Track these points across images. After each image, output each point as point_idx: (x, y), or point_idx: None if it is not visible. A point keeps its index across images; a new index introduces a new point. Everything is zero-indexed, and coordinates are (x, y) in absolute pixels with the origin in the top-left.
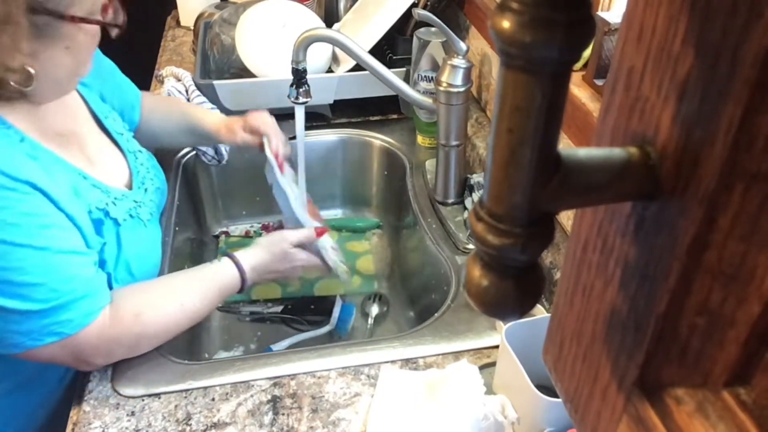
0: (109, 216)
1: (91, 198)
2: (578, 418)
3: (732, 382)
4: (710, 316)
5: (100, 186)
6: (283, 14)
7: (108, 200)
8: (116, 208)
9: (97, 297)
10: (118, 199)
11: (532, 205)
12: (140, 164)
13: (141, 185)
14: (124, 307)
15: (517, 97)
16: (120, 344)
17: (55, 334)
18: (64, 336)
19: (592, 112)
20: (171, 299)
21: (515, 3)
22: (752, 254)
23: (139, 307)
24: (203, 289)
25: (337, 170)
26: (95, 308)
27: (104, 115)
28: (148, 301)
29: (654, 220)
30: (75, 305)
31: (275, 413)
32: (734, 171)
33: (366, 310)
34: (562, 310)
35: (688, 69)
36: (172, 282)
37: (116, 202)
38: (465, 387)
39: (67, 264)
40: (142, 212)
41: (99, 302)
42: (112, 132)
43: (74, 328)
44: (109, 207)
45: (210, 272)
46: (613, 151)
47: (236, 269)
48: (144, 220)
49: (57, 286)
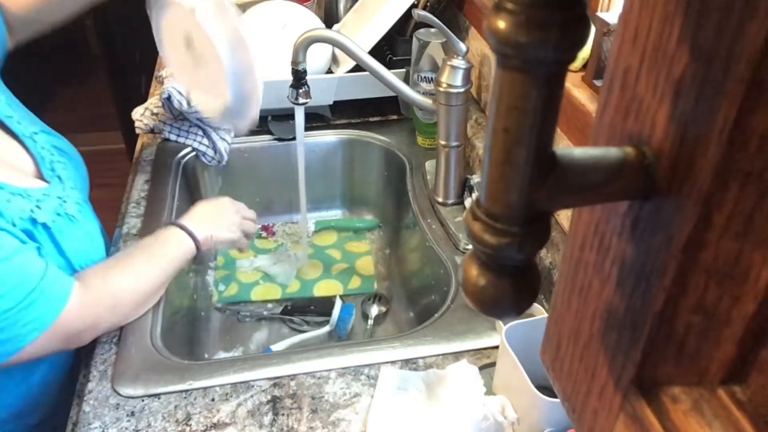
0: (36, 223)
1: (12, 209)
2: (576, 417)
3: (728, 380)
4: (706, 314)
5: (20, 192)
6: (283, 15)
7: (31, 206)
8: (42, 212)
9: (59, 282)
10: (41, 201)
11: (528, 205)
12: (41, 148)
13: (52, 174)
14: (89, 277)
15: (513, 96)
16: (100, 307)
17: (36, 330)
18: (46, 327)
19: (591, 113)
20: (127, 258)
21: (510, 3)
22: (747, 253)
23: (102, 271)
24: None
25: (337, 171)
26: (63, 292)
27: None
28: (108, 267)
29: (650, 220)
30: (43, 297)
31: (275, 413)
32: (729, 170)
33: (366, 311)
34: (559, 309)
35: (683, 69)
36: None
37: (40, 205)
38: (465, 387)
39: (13, 268)
40: (69, 207)
41: (63, 286)
42: (1, 117)
43: (52, 316)
44: (34, 213)
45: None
46: (609, 150)
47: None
48: (72, 215)
49: (15, 290)
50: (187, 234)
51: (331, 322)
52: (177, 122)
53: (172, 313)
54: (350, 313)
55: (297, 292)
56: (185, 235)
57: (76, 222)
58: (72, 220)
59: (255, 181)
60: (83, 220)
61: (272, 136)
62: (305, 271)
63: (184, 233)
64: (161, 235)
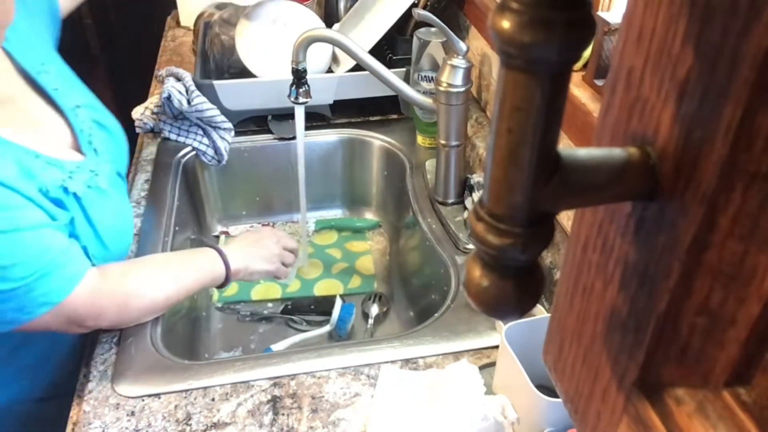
0: (67, 192)
1: (46, 177)
2: (578, 419)
3: (732, 382)
4: (710, 315)
5: (55, 162)
6: (283, 14)
7: (64, 176)
8: (73, 182)
9: (76, 262)
10: (74, 172)
11: (531, 205)
12: (82, 122)
13: (89, 146)
14: (111, 269)
15: (517, 97)
16: (110, 301)
17: (45, 305)
18: (54, 304)
19: (593, 113)
20: (154, 264)
21: (515, 3)
22: (752, 254)
23: (125, 268)
24: (186, 261)
25: (337, 170)
26: (77, 273)
27: (36, 69)
28: (133, 266)
29: (654, 220)
30: (56, 274)
31: (275, 413)
32: (734, 171)
33: (366, 310)
34: (562, 310)
35: (688, 69)
36: (154, 255)
37: (72, 176)
38: (465, 387)
39: (35, 239)
40: (100, 180)
41: (79, 267)
42: (48, 89)
43: (61, 294)
44: (66, 183)
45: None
46: (612, 151)
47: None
48: (103, 189)
49: (32, 261)
50: (222, 260)
51: (332, 321)
52: (177, 122)
53: (173, 313)
54: (350, 312)
55: (297, 292)
56: (219, 261)
57: (106, 195)
58: (102, 193)
59: (255, 180)
60: (114, 194)
61: (272, 136)
62: (305, 271)
63: (218, 259)
64: (197, 253)
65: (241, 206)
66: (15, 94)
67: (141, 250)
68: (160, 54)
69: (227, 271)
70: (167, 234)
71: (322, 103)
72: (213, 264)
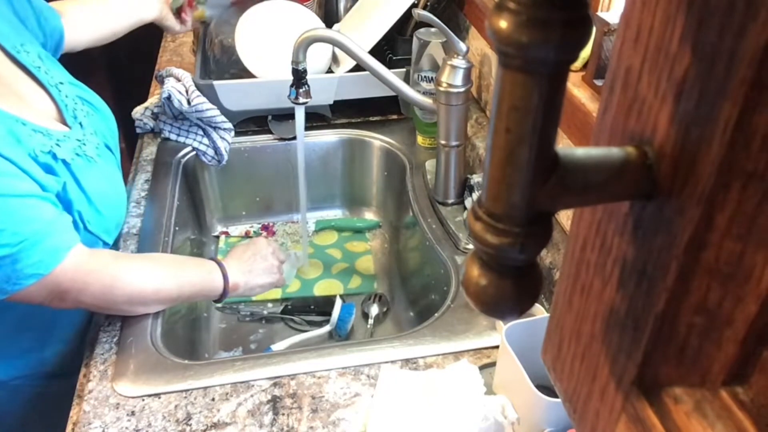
0: (56, 158)
1: (33, 143)
2: (577, 418)
3: (730, 381)
4: (708, 315)
5: (41, 130)
6: (283, 14)
7: (51, 143)
8: (61, 149)
9: (63, 235)
10: (61, 141)
11: (530, 205)
12: (65, 96)
13: (74, 120)
14: (103, 252)
15: (515, 96)
16: (96, 279)
17: (31, 276)
18: (40, 276)
19: (592, 113)
20: (149, 258)
21: (512, 3)
22: (750, 253)
23: (118, 254)
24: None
25: (337, 170)
26: (63, 246)
27: (16, 49)
28: (127, 254)
29: (652, 220)
30: (41, 245)
31: (275, 413)
32: (731, 170)
33: (366, 310)
34: (560, 309)
35: (685, 69)
36: (154, 253)
37: (60, 144)
38: (465, 387)
39: (22, 207)
40: (88, 149)
41: (66, 240)
42: (29, 66)
43: (47, 266)
44: (54, 149)
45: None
46: (611, 150)
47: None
48: (92, 157)
49: (17, 229)
50: (221, 273)
51: (332, 321)
52: (177, 122)
53: (173, 313)
54: (350, 312)
55: (297, 292)
56: (218, 272)
57: (95, 163)
58: (90, 161)
59: (255, 180)
60: (102, 163)
61: (272, 136)
62: (305, 271)
63: (217, 270)
64: (195, 260)
65: (241, 206)
66: (2, 70)
67: (141, 250)
68: (160, 54)
69: (225, 284)
70: (167, 234)
71: (322, 103)
72: (211, 273)
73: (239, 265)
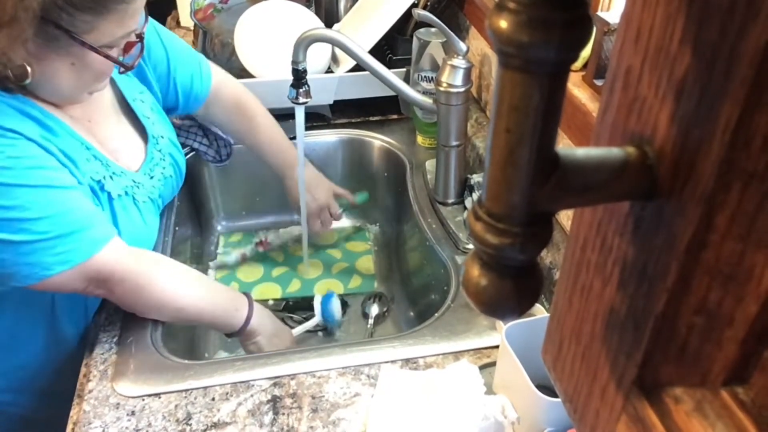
0: (103, 189)
1: (88, 168)
2: (577, 418)
3: (730, 381)
4: (708, 315)
5: (101, 158)
6: (283, 14)
7: (106, 173)
8: (112, 183)
9: (101, 227)
10: (116, 175)
11: (530, 205)
12: (158, 150)
13: (148, 172)
14: (147, 253)
15: (515, 96)
16: (134, 276)
17: (64, 263)
18: (73, 264)
19: (592, 113)
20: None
21: (512, 3)
22: (750, 253)
23: (161, 258)
24: (216, 289)
25: (337, 170)
26: (101, 237)
27: (132, 97)
28: (169, 261)
29: (652, 220)
30: (79, 234)
31: (275, 413)
32: (732, 170)
33: (366, 310)
34: (561, 309)
35: (686, 68)
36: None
37: (114, 177)
38: (465, 387)
39: (64, 198)
40: (139, 193)
41: (104, 232)
42: (140, 115)
43: (82, 255)
44: (105, 180)
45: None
46: (611, 150)
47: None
48: (139, 201)
49: (58, 218)
50: (248, 310)
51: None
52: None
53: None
54: (329, 299)
55: (297, 292)
56: (245, 308)
57: (138, 208)
58: (135, 204)
59: (255, 180)
60: (145, 211)
61: None
62: (305, 271)
63: (246, 306)
64: (232, 295)
65: (241, 206)
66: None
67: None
68: None
69: (245, 324)
70: (167, 234)
71: (322, 103)
72: (238, 310)
73: (267, 319)
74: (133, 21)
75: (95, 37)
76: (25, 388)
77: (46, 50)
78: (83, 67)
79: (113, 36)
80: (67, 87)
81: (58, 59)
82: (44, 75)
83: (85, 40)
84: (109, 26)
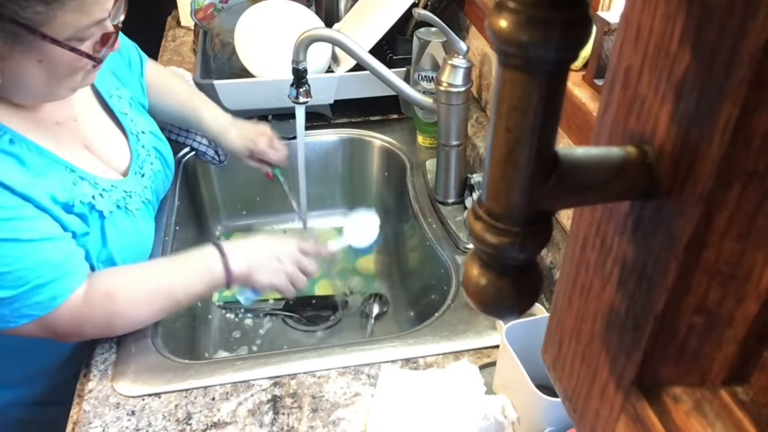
0: (94, 209)
1: (76, 193)
2: (577, 417)
3: (730, 380)
4: (708, 314)
5: (87, 177)
6: (283, 14)
7: (95, 192)
8: (103, 200)
9: (67, 280)
10: (107, 191)
11: (529, 204)
12: (141, 146)
13: (138, 170)
14: (97, 286)
15: (515, 96)
16: (92, 323)
17: (26, 317)
18: (34, 317)
19: (592, 112)
20: (146, 279)
21: (512, 2)
22: (749, 253)
23: (112, 286)
24: (182, 272)
25: (337, 170)
26: (64, 291)
27: (109, 93)
28: (121, 281)
29: (651, 219)
30: (43, 290)
31: (275, 413)
32: (731, 170)
33: (366, 310)
34: (560, 309)
35: (685, 68)
36: (150, 264)
37: (104, 194)
38: (465, 387)
39: (34, 252)
40: (132, 202)
41: (69, 285)
42: (116, 112)
43: (44, 309)
44: (95, 200)
45: (192, 256)
46: (610, 150)
47: (219, 254)
48: (133, 210)
49: (24, 273)
50: (222, 264)
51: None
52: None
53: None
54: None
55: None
56: (219, 266)
57: (131, 217)
58: (128, 214)
59: (255, 180)
60: (139, 217)
61: None
62: None
63: (219, 263)
64: (194, 260)
65: (241, 206)
66: (82, 116)
67: None
68: (160, 54)
69: (228, 275)
70: (167, 234)
71: (323, 102)
72: (211, 271)
73: (247, 255)
74: (98, 8)
75: (56, 29)
76: (26, 388)
77: (8, 49)
78: (51, 63)
79: (77, 26)
80: (40, 86)
81: (23, 58)
82: (12, 75)
83: (47, 33)
84: (70, 16)
